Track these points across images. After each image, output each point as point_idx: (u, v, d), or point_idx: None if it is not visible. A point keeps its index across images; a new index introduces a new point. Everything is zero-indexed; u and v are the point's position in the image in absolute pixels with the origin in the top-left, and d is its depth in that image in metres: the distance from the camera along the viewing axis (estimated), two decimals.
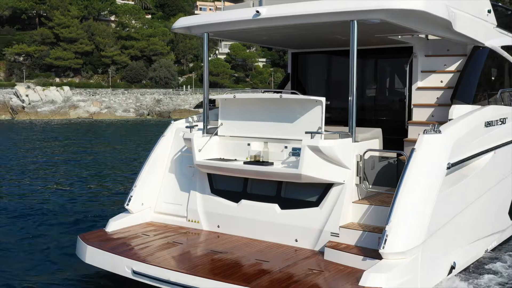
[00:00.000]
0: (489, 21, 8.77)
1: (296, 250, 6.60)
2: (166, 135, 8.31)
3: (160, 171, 8.15)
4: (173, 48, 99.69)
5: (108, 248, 6.73)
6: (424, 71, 8.58)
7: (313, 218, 6.65)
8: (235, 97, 7.31)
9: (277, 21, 6.89)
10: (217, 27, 7.52)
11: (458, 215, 6.62)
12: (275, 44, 9.57)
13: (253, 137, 7.23)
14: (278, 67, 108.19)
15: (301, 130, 6.69)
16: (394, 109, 8.97)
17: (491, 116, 7.49)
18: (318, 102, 6.61)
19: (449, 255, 6.53)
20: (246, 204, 7.19)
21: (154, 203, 8.06)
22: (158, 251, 6.62)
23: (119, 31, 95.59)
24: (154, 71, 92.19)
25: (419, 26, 6.94)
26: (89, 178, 16.62)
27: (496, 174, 7.73)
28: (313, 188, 6.71)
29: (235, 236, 7.18)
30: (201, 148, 7.37)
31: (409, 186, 5.83)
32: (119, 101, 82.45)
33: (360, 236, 6.25)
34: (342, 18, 6.45)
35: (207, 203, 7.58)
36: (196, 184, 7.73)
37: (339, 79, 9.73)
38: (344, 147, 6.49)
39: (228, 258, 6.30)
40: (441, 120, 7.99)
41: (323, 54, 9.69)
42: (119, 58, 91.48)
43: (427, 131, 6.25)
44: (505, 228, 8.44)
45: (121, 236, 7.28)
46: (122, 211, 7.94)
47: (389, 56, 8.98)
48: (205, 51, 7.87)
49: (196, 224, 7.63)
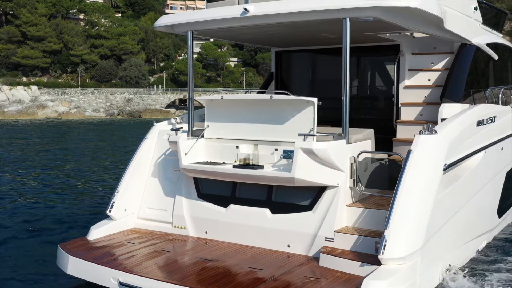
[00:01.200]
0: (475, 19, 8.71)
1: (289, 256, 6.37)
2: (148, 137, 7.99)
3: (144, 175, 7.84)
4: (144, 47, 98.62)
5: (91, 258, 6.41)
6: (412, 69, 8.47)
7: (306, 223, 6.44)
8: (223, 98, 7.05)
9: (266, 19, 6.66)
10: (202, 25, 7.24)
11: (453, 217, 6.51)
12: (259, 42, 9.33)
13: (241, 140, 6.98)
14: (250, 66, 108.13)
15: (293, 131, 6.48)
16: (381, 108, 8.83)
17: (482, 115, 7.41)
18: (310, 103, 6.40)
19: (445, 258, 6.40)
20: (235, 209, 6.94)
21: (137, 209, 7.75)
22: (145, 260, 6.32)
23: (88, 30, 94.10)
24: (124, 71, 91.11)
25: (410, 24, 6.79)
26: (67, 184, 15.89)
27: (487, 173, 7.66)
28: (305, 191, 6.50)
29: (224, 243, 6.92)
30: (187, 151, 7.09)
31: (407, 189, 5.67)
32: (89, 100, 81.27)
33: (356, 241, 6.06)
34: (334, 16, 6.25)
35: (193, 208, 7.30)
36: (182, 188, 7.45)
37: (324, 78, 9.56)
38: (338, 149, 6.30)
39: (220, 266, 6.04)
40: (430, 119, 7.89)
41: (308, 53, 9.50)
42: (88, 57, 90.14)
43: (422, 131, 6.09)
44: (494, 227, 8.39)
45: (104, 244, 6.96)
46: (104, 218, 7.61)
47: (376, 55, 8.84)
48: (189, 51, 7.59)
49: (183, 230, 7.34)
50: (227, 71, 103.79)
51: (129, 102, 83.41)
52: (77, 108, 78.89)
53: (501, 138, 7.99)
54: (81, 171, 18.76)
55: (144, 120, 67.18)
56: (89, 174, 18.03)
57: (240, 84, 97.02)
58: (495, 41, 9.46)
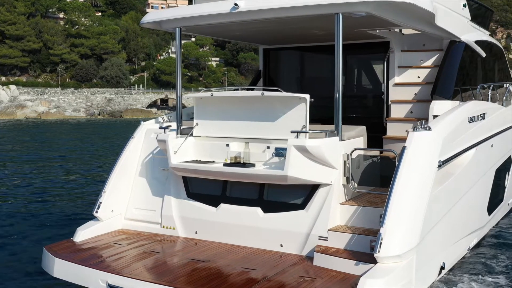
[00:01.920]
0: (464, 16, 8.68)
1: (281, 256, 6.25)
2: (136, 136, 7.81)
3: (131, 175, 7.66)
4: (125, 47, 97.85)
5: (78, 259, 6.22)
6: (401, 67, 8.41)
7: (299, 222, 6.32)
8: (213, 95, 6.91)
9: (256, 15, 6.53)
10: (190, 21, 7.08)
11: (447, 214, 6.45)
12: (247, 40, 9.19)
13: (232, 137, 6.85)
14: (231, 66, 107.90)
15: (284, 129, 6.36)
16: (371, 106, 8.76)
17: (473, 111, 7.37)
18: (302, 100, 6.29)
19: (438, 256, 6.34)
20: (226, 208, 6.80)
21: (124, 210, 7.57)
22: (134, 261, 6.15)
23: (68, 29, 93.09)
24: (105, 70, 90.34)
25: (402, 20, 6.72)
26: (51, 185, 15.60)
27: (478, 171, 7.63)
28: (298, 189, 6.39)
29: (215, 243, 6.78)
30: (176, 150, 6.93)
31: (402, 186, 5.58)
32: (69, 100, 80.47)
33: (350, 239, 5.96)
34: (327, 11, 6.15)
35: (183, 208, 7.15)
36: (171, 188, 7.29)
37: (312, 76, 9.46)
38: (331, 146, 6.20)
39: (212, 267, 5.90)
40: (420, 116, 7.83)
41: (297, 50, 9.39)
42: (68, 56, 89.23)
43: (416, 128, 6.02)
44: (484, 224, 8.37)
45: (91, 246, 6.77)
46: (90, 219, 7.41)
47: (365, 52, 8.75)
48: (177, 48, 7.44)
49: (172, 230, 7.18)
50: (208, 71, 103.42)
51: (110, 102, 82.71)
52: (57, 108, 78.02)
53: (491, 135, 7.97)
54: (66, 171, 18.46)
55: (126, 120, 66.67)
56: (74, 174, 17.75)
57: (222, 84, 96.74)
58: (483, 39, 9.45)
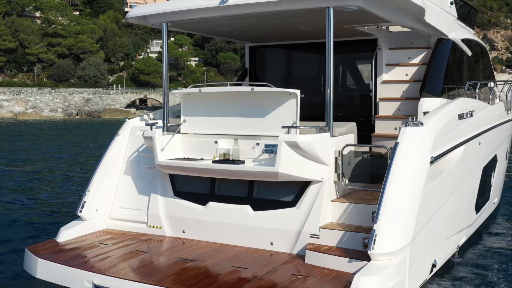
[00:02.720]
0: (451, 13, 8.67)
1: (271, 255, 6.14)
2: (120, 134, 7.63)
3: (116, 173, 7.48)
4: (103, 46, 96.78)
5: (62, 260, 6.03)
6: (389, 64, 8.36)
7: (290, 219, 6.22)
8: (201, 91, 6.76)
9: (245, 9, 6.41)
10: (177, 15, 6.93)
11: (438, 211, 6.40)
12: (233, 36, 9.06)
13: (220, 134, 6.71)
14: (211, 66, 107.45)
15: (275, 125, 6.25)
16: (359, 104, 8.69)
17: (462, 108, 7.34)
18: (293, 95, 6.19)
19: (430, 253, 6.29)
20: (214, 207, 6.67)
21: (109, 209, 7.38)
22: (120, 261, 5.98)
23: (45, 28, 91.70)
24: (83, 70, 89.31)
25: (392, 15, 6.66)
26: (33, 184, 15.19)
27: (467, 168, 7.60)
28: (288, 187, 6.28)
29: (203, 242, 6.64)
30: (163, 147, 6.77)
31: (395, 182, 5.51)
32: (46, 100, 79.32)
33: (342, 237, 5.87)
34: (318, 4, 6.05)
35: (170, 207, 6.99)
36: (157, 186, 7.12)
37: (299, 74, 9.36)
38: (323, 142, 6.11)
39: (201, 266, 5.76)
40: (408, 114, 7.79)
41: (283, 48, 9.28)
42: (45, 55, 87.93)
43: (408, 123, 5.95)
44: (472, 222, 8.36)
45: (75, 246, 6.58)
46: (74, 219, 7.22)
47: (353, 49, 8.68)
48: (164, 44, 7.28)
49: (158, 230, 7.02)
50: (188, 71, 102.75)
51: (88, 102, 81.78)
52: (34, 108, 76.89)
53: (479, 133, 7.96)
54: (48, 171, 18.07)
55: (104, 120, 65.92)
56: (57, 173, 17.38)
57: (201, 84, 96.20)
58: (469, 37, 9.46)
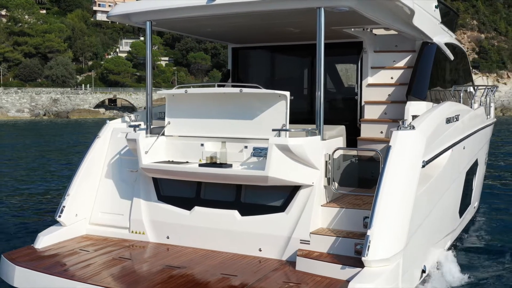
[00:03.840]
0: (436, 17, 8.66)
1: (260, 261, 5.97)
2: (101, 136, 7.36)
3: (96, 176, 7.21)
4: (71, 45, 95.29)
5: (42, 268, 5.76)
6: (374, 67, 8.29)
7: (279, 225, 6.06)
8: (187, 92, 6.56)
9: (234, 8, 6.23)
10: (163, 14, 6.71)
11: (428, 216, 6.34)
12: (217, 37, 8.87)
13: (207, 137, 6.52)
14: (181, 66, 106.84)
15: (263, 128, 6.10)
16: (345, 107, 8.59)
17: (449, 112, 7.31)
18: (282, 97, 6.04)
19: (421, 259, 6.22)
20: (200, 212, 6.47)
21: (89, 214, 7.11)
22: (103, 269, 5.73)
23: (10, 26, 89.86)
24: (50, 69, 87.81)
25: (382, 17, 6.58)
26: (9, 188, 14.55)
27: (453, 172, 7.58)
28: (278, 191, 6.13)
29: (188, 248, 6.43)
30: (147, 149, 6.55)
31: (388, 187, 5.41)
32: (12, 100, 77.75)
33: (334, 243, 5.74)
34: (309, 4, 5.92)
35: (153, 212, 6.76)
36: (140, 190, 6.89)
37: (283, 76, 9.22)
38: (314, 145, 5.97)
39: (189, 273, 5.55)
40: (394, 117, 7.74)
41: (267, 50, 9.13)
42: (11, 55, 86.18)
43: (400, 127, 5.86)
44: (457, 226, 8.36)
45: (55, 253, 6.30)
46: (52, 224, 6.93)
47: (338, 52, 8.57)
48: (147, 43, 7.05)
49: (141, 235, 6.79)
50: (158, 71, 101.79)
51: (55, 102, 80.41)
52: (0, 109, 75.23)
53: (463, 137, 7.95)
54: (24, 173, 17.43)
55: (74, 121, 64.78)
56: (34, 176, 16.78)
57: (171, 84, 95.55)
58: (451, 41, 9.48)
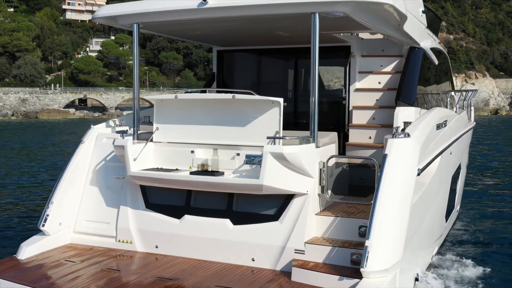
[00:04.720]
0: (422, 22, 8.66)
1: (253, 271, 5.83)
2: (85, 141, 7.12)
3: (81, 183, 6.97)
4: (40, 44, 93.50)
5: (28, 281, 5.51)
6: (362, 72, 8.23)
7: (273, 234, 5.93)
8: (177, 97, 6.38)
9: (226, 12, 6.08)
10: (151, 17, 6.52)
11: (422, 224, 6.31)
12: (203, 40, 8.70)
13: (197, 144, 6.36)
14: (153, 65, 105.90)
15: (256, 135, 5.97)
16: (333, 112, 8.51)
17: (439, 118, 7.30)
18: (276, 103, 5.92)
19: (414, 267, 6.18)
20: (190, 220, 6.30)
21: (73, 222, 6.87)
22: (92, 281, 5.52)
23: None
24: (19, 69, 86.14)
25: (374, 22, 6.51)
26: None
27: (442, 178, 7.58)
28: (271, 199, 5.99)
29: (178, 258, 6.25)
30: (136, 156, 6.35)
31: (386, 196, 5.33)
32: None
33: (329, 253, 5.64)
34: (304, 10, 5.80)
35: (141, 220, 6.56)
36: (127, 198, 6.68)
37: (270, 80, 9.10)
38: (308, 153, 5.86)
39: (183, 285, 5.39)
40: (382, 122, 7.70)
41: (253, 53, 8.99)
42: None
43: (395, 134, 5.80)
44: (443, 231, 8.37)
45: (39, 264, 6.05)
46: (35, 233, 6.66)
47: (327, 56, 8.49)
48: (135, 46, 6.84)
49: (129, 245, 6.57)
50: (129, 70, 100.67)
51: (24, 102, 78.82)
52: None
53: (451, 143, 7.96)
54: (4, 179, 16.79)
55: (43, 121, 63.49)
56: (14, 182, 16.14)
57: (143, 84, 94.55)
58: (436, 46, 9.51)
